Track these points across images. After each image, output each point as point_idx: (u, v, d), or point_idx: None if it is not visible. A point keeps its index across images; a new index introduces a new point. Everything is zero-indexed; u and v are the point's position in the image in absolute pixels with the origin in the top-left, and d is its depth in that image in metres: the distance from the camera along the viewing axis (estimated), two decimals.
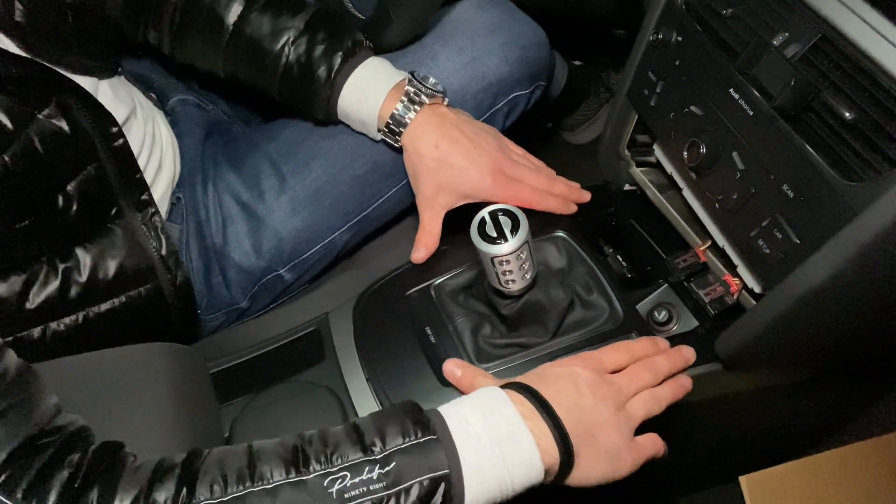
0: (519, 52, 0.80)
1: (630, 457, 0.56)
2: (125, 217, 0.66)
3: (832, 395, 0.89)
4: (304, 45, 0.72)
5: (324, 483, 0.46)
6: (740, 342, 0.61)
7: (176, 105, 0.86)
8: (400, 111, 0.70)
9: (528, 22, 0.82)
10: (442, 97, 0.73)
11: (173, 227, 0.79)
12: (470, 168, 0.70)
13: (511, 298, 0.65)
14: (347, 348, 0.72)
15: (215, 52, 0.76)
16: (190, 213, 0.80)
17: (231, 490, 0.45)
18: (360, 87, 0.72)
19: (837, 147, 0.52)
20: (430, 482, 0.47)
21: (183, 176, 0.81)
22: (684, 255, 0.70)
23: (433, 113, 0.71)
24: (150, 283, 0.69)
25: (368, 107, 0.72)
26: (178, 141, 0.83)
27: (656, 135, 0.73)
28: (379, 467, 0.47)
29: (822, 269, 0.51)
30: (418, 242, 0.74)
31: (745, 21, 0.60)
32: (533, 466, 0.50)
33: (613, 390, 0.57)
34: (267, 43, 0.73)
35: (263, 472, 0.47)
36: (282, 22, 0.73)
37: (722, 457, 0.91)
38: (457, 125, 0.71)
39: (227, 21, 0.73)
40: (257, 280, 0.81)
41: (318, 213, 0.80)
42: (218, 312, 0.83)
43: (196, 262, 0.80)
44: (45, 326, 0.62)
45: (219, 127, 0.89)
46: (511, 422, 0.51)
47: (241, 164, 0.81)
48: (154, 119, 0.80)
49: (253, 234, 0.79)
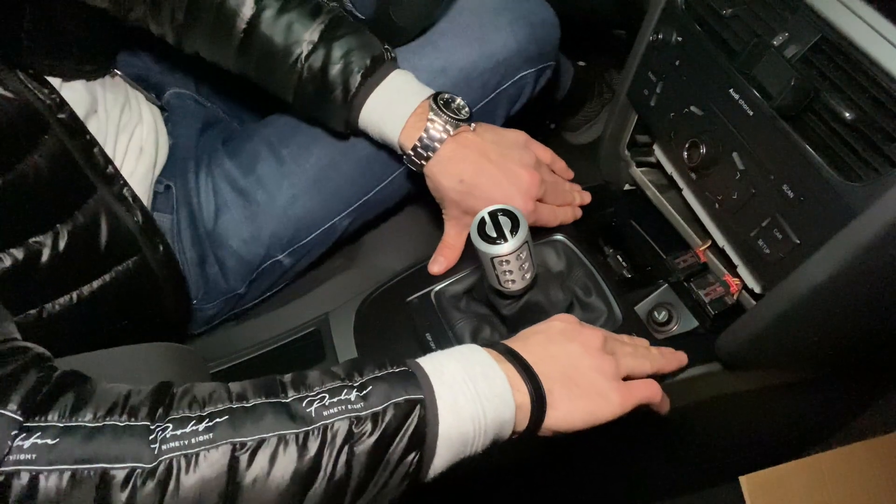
0: (528, 28, 0.78)
1: (617, 397, 0.55)
2: (98, 192, 0.65)
3: (832, 395, 0.89)
4: (319, 61, 0.69)
5: (302, 404, 0.46)
6: (740, 342, 0.61)
7: (171, 98, 0.85)
8: (423, 142, 0.67)
9: (537, 0, 0.80)
10: (467, 123, 0.69)
11: (163, 218, 0.78)
12: (497, 196, 0.68)
13: (511, 299, 0.65)
14: (347, 348, 0.72)
15: (227, 52, 0.73)
16: (181, 202, 0.79)
17: (210, 407, 0.45)
18: (378, 111, 0.70)
19: (837, 147, 0.52)
20: (406, 403, 0.47)
21: (174, 165, 0.80)
22: (684, 255, 0.70)
23: (457, 143, 0.68)
24: (135, 255, 0.68)
25: (387, 132, 0.70)
26: (172, 130, 0.82)
27: (656, 135, 0.73)
28: (357, 391, 0.47)
29: (822, 270, 0.51)
30: (438, 253, 0.74)
31: (745, 21, 0.60)
32: (505, 402, 0.50)
33: (592, 335, 0.58)
34: (281, 53, 0.70)
35: (241, 394, 0.47)
36: (296, 31, 0.69)
37: (722, 457, 0.91)
38: (482, 152, 0.69)
39: (238, 22, 0.70)
40: (256, 267, 0.80)
41: (319, 198, 0.78)
42: (216, 301, 0.82)
43: (189, 253, 0.79)
44: (41, 308, 0.61)
45: (216, 122, 0.88)
46: (484, 363, 0.52)
47: (238, 149, 0.80)
48: (138, 103, 0.79)
49: (251, 221, 0.78)
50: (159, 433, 0.43)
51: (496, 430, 0.51)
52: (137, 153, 0.76)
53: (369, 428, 0.46)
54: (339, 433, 0.46)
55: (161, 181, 0.79)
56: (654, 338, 0.67)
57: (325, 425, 0.46)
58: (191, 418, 0.44)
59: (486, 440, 0.50)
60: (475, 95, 0.78)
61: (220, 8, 0.70)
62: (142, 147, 0.76)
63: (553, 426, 0.54)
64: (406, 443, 0.47)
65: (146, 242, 0.69)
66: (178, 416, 0.45)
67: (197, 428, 0.44)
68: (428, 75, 0.75)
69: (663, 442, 0.80)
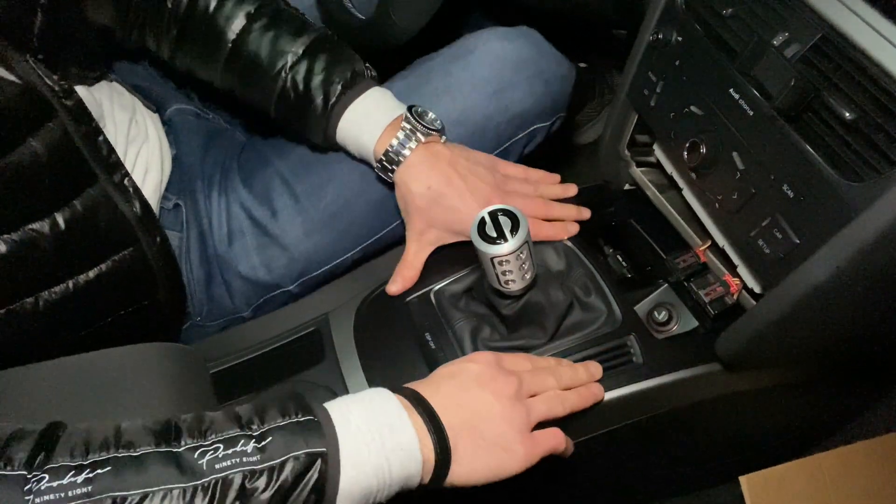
0: (543, 85, 0.79)
1: (522, 449, 0.54)
2: (98, 181, 0.65)
3: (832, 395, 0.89)
4: (302, 71, 0.72)
5: (194, 455, 0.44)
6: (740, 342, 0.61)
7: (173, 115, 0.86)
8: (394, 147, 0.69)
9: (554, 55, 0.82)
10: (439, 134, 0.72)
11: (172, 236, 0.79)
12: (461, 208, 0.70)
13: (511, 299, 0.65)
14: (347, 348, 0.72)
15: (214, 66, 0.75)
16: (192, 222, 0.80)
17: (93, 455, 0.43)
18: (356, 121, 0.72)
19: (837, 147, 0.52)
20: (306, 457, 0.45)
21: (182, 183, 0.81)
22: (684, 255, 0.70)
23: (427, 151, 0.70)
24: (131, 245, 0.68)
25: (364, 141, 0.71)
26: (175, 150, 0.83)
27: (656, 135, 0.73)
28: (255, 441, 0.45)
29: (822, 269, 0.51)
30: (397, 274, 0.74)
31: (745, 21, 0.60)
32: (412, 456, 0.49)
33: (506, 382, 0.56)
34: (265, 65, 0.72)
35: (130, 441, 0.44)
36: (281, 45, 0.72)
37: (722, 457, 0.91)
38: (451, 163, 0.70)
39: (227, 37, 0.73)
40: (263, 293, 0.82)
41: (332, 236, 0.80)
42: (218, 320, 0.83)
43: (197, 272, 0.80)
44: (38, 297, 0.61)
45: (220, 135, 0.89)
46: (391, 413, 0.50)
47: (252, 178, 0.81)
48: (143, 119, 0.79)
49: (263, 251, 0.79)
50: (34, 484, 0.40)
51: (401, 482, 0.50)
52: (144, 171, 0.77)
53: (264, 483, 0.44)
54: (231, 488, 0.43)
55: (169, 198, 0.80)
56: (654, 338, 0.67)
57: (216, 480, 0.43)
58: (70, 468, 0.42)
59: (390, 491, 0.49)
60: (489, 145, 0.80)
61: (211, 21, 0.73)
62: (147, 166, 0.77)
63: (455, 481, 0.53)
64: (305, 497, 0.45)
65: (144, 233, 0.69)
66: (57, 464, 0.42)
67: (75, 480, 0.41)
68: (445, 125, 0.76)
69: (663, 442, 0.80)
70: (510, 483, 0.55)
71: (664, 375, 0.65)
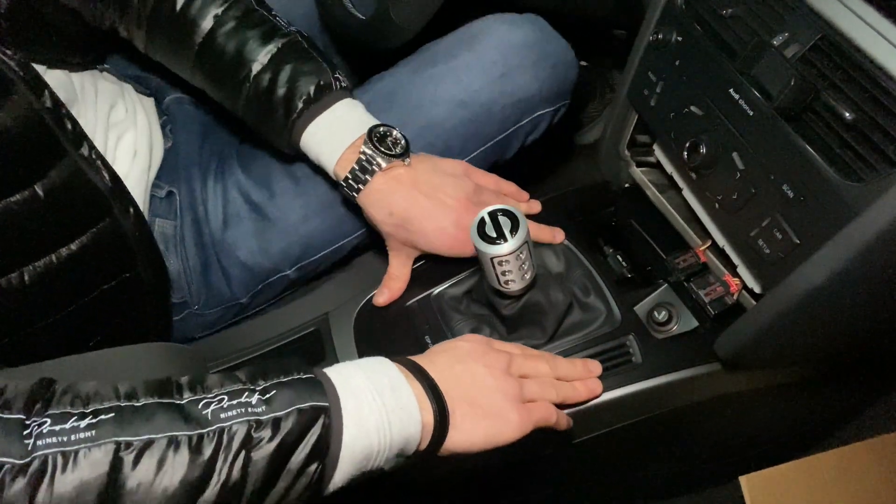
0: (549, 70, 0.79)
1: (517, 417, 0.55)
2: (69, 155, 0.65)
3: (832, 395, 0.89)
4: (265, 82, 0.70)
5: (198, 406, 0.44)
6: (740, 342, 0.61)
7: (172, 103, 0.86)
8: (353, 174, 0.68)
9: (559, 40, 0.81)
10: (401, 158, 0.69)
11: (166, 224, 0.78)
12: (429, 228, 0.69)
13: (511, 299, 0.65)
14: (347, 348, 0.72)
15: (184, 64, 0.74)
16: (186, 209, 0.79)
17: (94, 404, 0.42)
18: (316, 140, 0.70)
19: (837, 147, 0.52)
20: (311, 410, 0.45)
21: (177, 171, 0.80)
22: (684, 255, 0.70)
23: (388, 178, 0.68)
24: (107, 217, 0.67)
25: (323, 161, 0.70)
26: (173, 138, 0.83)
27: (656, 135, 0.73)
28: (259, 394, 0.45)
29: (822, 270, 0.51)
30: (384, 285, 0.74)
31: (745, 21, 0.60)
32: (411, 416, 0.50)
33: (497, 357, 0.58)
34: (231, 71, 0.71)
35: (131, 393, 0.44)
36: (247, 52, 0.71)
37: (722, 457, 0.91)
38: (414, 184, 0.69)
39: (194, 39, 0.71)
40: (262, 279, 0.81)
41: (332, 219, 0.79)
42: (217, 308, 0.82)
43: (193, 260, 0.79)
44: (21, 272, 0.61)
45: (218, 124, 0.89)
46: (392, 376, 0.51)
47: (252, 162, 0.80)
48: (133, 106, 0.79)
49: (261, 235, 0.79)
50: (35, 428, 0.40)
51: (401, 444, 0.50)
52: (132, 155, 0.76)
53: (269, 433, 0.44)
54: (235, 437, 0.43)
55: (161, 186, 0.79)
56: (653, 338, 0.67)
57: (221, 428, 0.43)
58: (72, 414, 0.41)
59: (390, 454, 0.50)
60: (493, 129, 0.79)
61: (180, 19, 0.72)
62: (136, 150, 0.77)
63: (453, 447, 0.53)
64: (308, 451, 0.45)
65: (117, 203, 0.68)
66: (58, 411, 0.41)
67: (78, 424, 0.41)
68: (448, 107, 0.76)
69: (663, 442, 0.80)
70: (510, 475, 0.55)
71: (664, 375, 0.65)
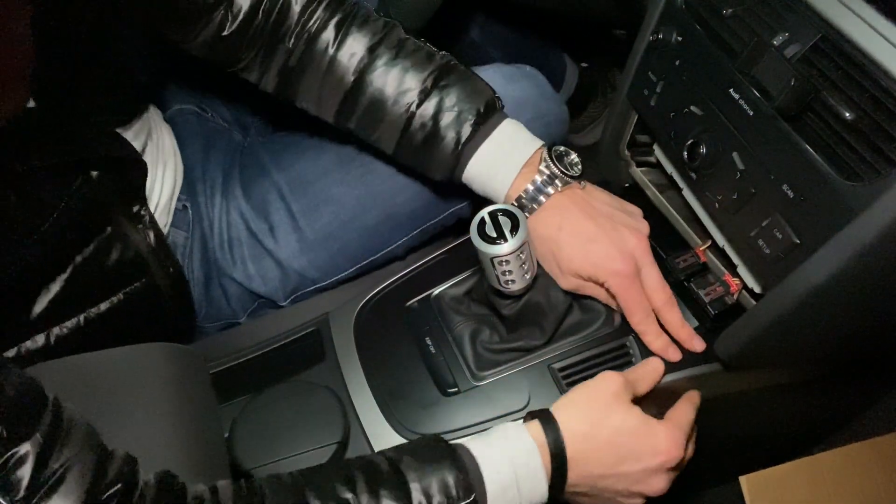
0: (543, 129, 0.77)
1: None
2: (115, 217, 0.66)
3: (832, 395, 0.89)
4: (431, 108, 0.67)
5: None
6: (740, 342, 0.61)
7: (175, 115, 0.86)
8: (529, 193, 0.65)
9: (554, 98, 0.81)
10: (578, 181, 0.67)
11: (178, 234, 0.79)
12: (593, 250, 0.64)
13: (511, 299, 0.65)
14: (347, 348, 0.72)
15: (331, 102, 0.71)
16: (196, 223, 0.80)
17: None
18: (489, 162, 0.67)
19: (837, 147, 0.52)
20: None
21: (187, 185, 0.81)
22: (684, 255, 0.70)
23: (563, 196, 0.65)
24: (144, 277, 0.68)
25: (496, 184, 0.67)
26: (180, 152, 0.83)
27: (656, 135, 0.73)
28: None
29: (823, 269, 0.51)
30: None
31: (745, 21, 0.60)
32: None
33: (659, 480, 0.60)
34: (390, 102, 0.68)
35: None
36: (408, 81, 0.67)
37: (722, 457, 0.91)
38: (588, 205, 0.66)
39: (349, 73, 0.68)
40: (256, 299, 0.82)
41: (326, 256, 0.80)
42: (217, 322, 0.83)
43: (197, 273, 0.80)
44: (49, 332, 0.62)
45: (219, 136, 0.89)
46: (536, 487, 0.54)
47: (251, 188, 0.81)
48: (161, 134, 0.80)
49: (258, 262, 0.80)
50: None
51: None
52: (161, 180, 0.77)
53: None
54: None
55: (180, 199, 0.80)
56: None
57: None
58: None
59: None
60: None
61: (334, 56, 0.69)
62: (163, 175, 0.78)
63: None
64: None
65: (157, 264, 0.69)
66: None
67: None
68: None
69: None
70: None
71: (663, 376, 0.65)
